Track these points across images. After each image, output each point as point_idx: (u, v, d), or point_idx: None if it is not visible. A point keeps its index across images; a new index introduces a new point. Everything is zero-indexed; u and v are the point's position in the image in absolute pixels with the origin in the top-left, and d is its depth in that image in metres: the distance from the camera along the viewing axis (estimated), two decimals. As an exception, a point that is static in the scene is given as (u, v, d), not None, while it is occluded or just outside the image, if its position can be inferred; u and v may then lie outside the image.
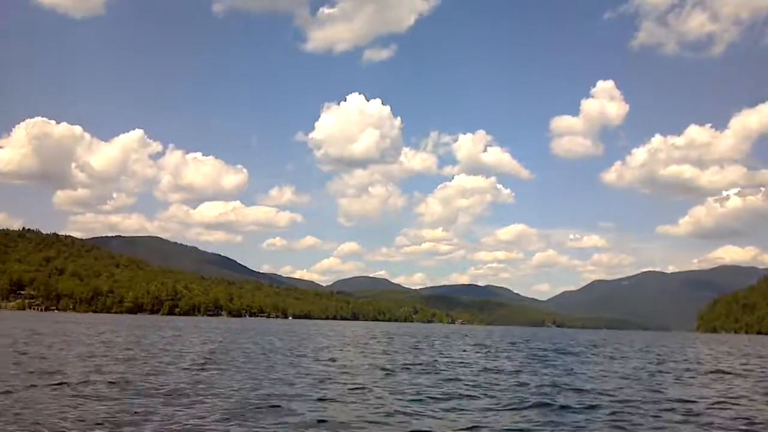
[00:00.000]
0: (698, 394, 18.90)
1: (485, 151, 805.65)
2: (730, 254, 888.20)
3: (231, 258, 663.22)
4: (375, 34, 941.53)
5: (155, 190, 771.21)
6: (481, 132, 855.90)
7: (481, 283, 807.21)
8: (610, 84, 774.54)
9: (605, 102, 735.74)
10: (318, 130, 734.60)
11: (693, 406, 16.01)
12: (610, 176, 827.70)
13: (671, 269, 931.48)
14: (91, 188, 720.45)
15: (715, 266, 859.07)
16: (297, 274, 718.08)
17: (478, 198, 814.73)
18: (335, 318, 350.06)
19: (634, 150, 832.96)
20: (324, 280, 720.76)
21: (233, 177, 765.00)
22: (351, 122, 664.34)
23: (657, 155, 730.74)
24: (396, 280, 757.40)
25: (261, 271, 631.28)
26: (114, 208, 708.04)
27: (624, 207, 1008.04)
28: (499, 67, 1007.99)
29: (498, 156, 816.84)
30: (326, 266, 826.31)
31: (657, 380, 23.34)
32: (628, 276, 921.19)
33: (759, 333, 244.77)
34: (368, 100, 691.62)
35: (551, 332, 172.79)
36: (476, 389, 18.52)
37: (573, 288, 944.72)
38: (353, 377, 21.06)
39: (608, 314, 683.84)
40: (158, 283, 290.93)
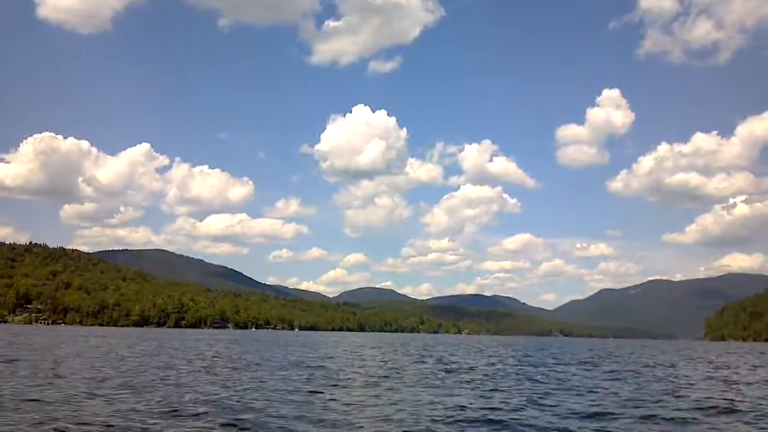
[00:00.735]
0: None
1: (491, 161, 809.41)
2: (738, 262, 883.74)
3: (237, 270, 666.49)
4: (380, 46, 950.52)
5: (162, 203, 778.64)
6: (487, 142, 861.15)
7: (488, 293, 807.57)
8: (616, 92, 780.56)
9: (611, 110, 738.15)
10: (324, 142, 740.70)
11: None
12: (617, 185, 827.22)
13: (678, 277, 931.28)
14: (98, 202, 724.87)
15: (722, 274, 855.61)
16: (303, 286, 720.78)
17: (484, 208, 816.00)
18: (341, 329, 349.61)
19: (641, 158, 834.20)
20: (330, 292, 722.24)
21: (239, 189, 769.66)
22: (357, 134, 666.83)
23: (663, 163, 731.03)
24: (402, 291, 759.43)
25: (267, 283, 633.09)
26: (121, 222, 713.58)
27: (630, 215, 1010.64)
28: (504, 77, 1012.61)
29: (504, 165, 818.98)
30: (332, 277, 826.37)
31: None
32: (635, 285, 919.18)
33: (767, 341, 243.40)
34: (374, 112, 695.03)
35: (558, 341, 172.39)
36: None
37: (580, 297, 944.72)
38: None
39: (615, 323, 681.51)
40: (165, 296, 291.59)
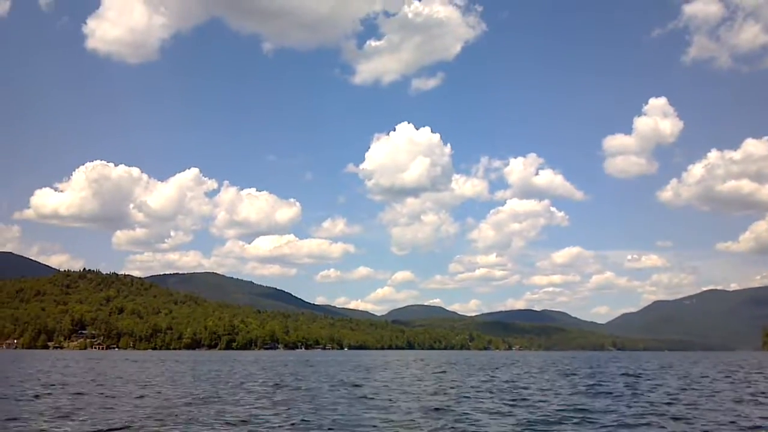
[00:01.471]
0: None
1: (537, 174, 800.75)
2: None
3: (286, 291, 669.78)
4: (422, 64, 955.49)
5: (211, 227, 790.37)
6: (533, 155, 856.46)
7: (538, 308, 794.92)
8: (663, 101, 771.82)
9: (658, 119, 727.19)
10: (368, 161, 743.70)
11: None
12: (666, 194, 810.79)
13: (733, 287, 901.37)
14: (149, 227, 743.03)
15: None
16: (352, 305, 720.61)
17: (532, 222, 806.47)
18: (390, 348, 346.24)
19: (690, 166, 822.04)
20: (379, 310, 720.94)
21: (287, 211, 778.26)
22: (401, 151, 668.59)
23: (714, 171, 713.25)
24: (451, 308, 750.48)
25: (316, 303, 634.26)
26: (171, 246, 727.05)
27: (681, 225, 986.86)
28: (548, 90, 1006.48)
29: (550, 178, 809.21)
30: (381, 296, 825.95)
31: None
32: (689, 295, 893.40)
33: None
34: (417, 129, 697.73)
35: (616, 355, 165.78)
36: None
37: (633, 309, 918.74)
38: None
39: (670, 335, 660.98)
40: (215, 319, 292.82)
